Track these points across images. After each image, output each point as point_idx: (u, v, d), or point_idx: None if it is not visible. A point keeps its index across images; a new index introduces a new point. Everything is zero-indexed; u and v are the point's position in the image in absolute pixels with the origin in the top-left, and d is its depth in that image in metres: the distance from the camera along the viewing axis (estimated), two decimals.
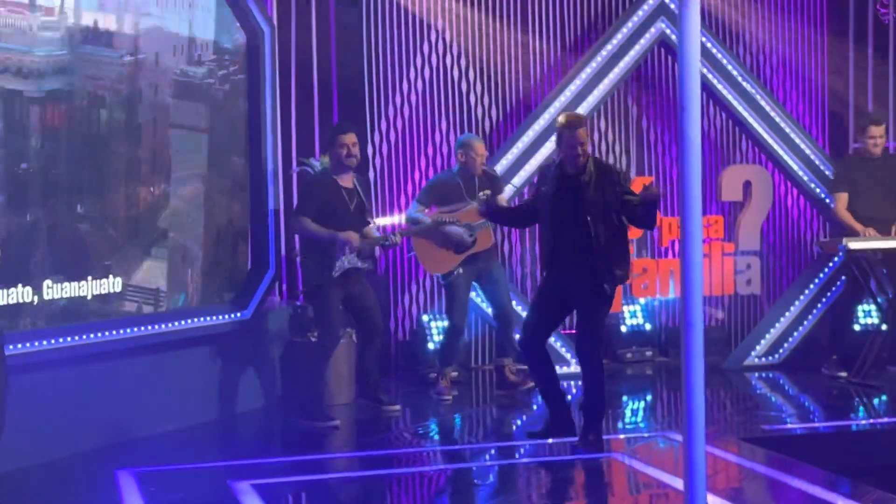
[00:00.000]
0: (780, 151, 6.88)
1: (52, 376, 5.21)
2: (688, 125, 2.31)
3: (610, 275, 4.57)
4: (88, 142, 5.05)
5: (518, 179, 6.31)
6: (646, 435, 5.54)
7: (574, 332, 5.04)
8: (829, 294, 6.81)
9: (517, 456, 5.06)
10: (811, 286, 6.71)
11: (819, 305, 6.74)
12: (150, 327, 5.47)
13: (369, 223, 5.42)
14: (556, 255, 4.60)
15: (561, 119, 4.85)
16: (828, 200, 6.62)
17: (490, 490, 4.67)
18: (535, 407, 6.04)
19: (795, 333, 6.77)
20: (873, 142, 6.20)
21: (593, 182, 4.53)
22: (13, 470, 4.70)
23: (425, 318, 6.55)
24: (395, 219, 6.31)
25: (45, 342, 5.04)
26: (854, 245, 5.90)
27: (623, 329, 6.75)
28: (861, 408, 5.98)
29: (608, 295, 4.59)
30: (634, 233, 6.78)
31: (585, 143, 4.56)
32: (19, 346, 4.79)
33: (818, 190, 6.83)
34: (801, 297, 6.71)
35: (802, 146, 6.85)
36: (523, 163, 6.35)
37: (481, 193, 5.18)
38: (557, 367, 6.62)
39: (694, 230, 2.34)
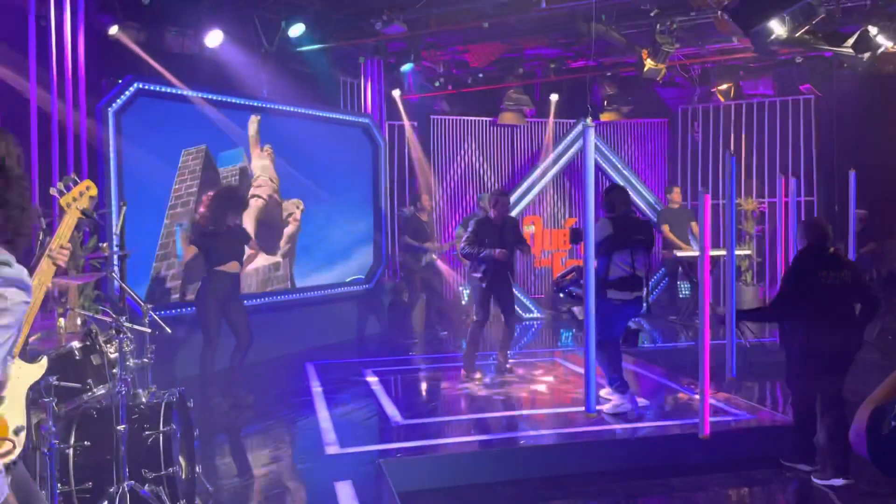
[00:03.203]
0: (638, 201, 11.02)
1: (277, 316, 8.11)
2: (587, 190, 4.52)
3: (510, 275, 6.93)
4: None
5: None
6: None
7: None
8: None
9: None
10: None
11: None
12: (324, 292, 9.15)
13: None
14: (493, 266, 6.86)
15: (498, 192, 7.16)
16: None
17: None
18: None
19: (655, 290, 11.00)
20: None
21: (507, 226, 6.94)
22: (251, 363, 6.59)
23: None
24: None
25: (270, 298, 8.38)
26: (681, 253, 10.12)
27: None
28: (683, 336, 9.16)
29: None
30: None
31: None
32: (257, 301, 8.05)
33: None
34: None
35: (648, 198, 11.13)
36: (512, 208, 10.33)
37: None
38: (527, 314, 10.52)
39: (589, 248, 4.92)
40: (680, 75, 10.79)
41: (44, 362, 3.08)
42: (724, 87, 10.96)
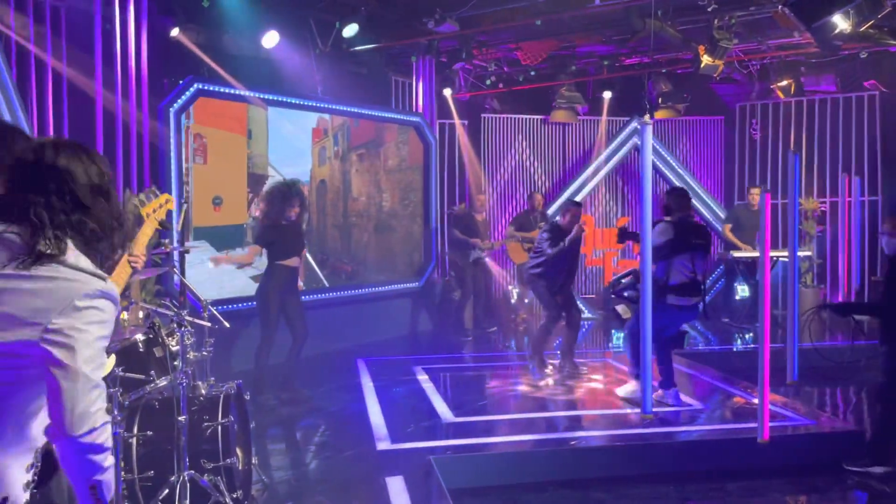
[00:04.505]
0: (694, 200, 10.99)
1: (329, 312, 8.36)
2: (644, 190, 5.08)
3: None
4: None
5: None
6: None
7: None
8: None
9: None
10: None
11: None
12: (375, 288, 9.36)
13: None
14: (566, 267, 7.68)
15: (571, 201, 7.18)
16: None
17: None
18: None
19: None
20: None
21: (574, 236, 6.93)
22: (303, 358, 6.65)
23: None
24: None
25: (323, 294, 8.58)
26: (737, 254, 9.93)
27: None
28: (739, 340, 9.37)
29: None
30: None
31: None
32: (311, 297, 8.10)
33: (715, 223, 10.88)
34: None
35: (705, 197, 11.33)
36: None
37: (538, 226, 9.95)
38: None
39: (646, 249, 5.23)
40: (738, 71, 10.58)
41: (112, 358, 3.21)
42: (783, 83, 10.71)
